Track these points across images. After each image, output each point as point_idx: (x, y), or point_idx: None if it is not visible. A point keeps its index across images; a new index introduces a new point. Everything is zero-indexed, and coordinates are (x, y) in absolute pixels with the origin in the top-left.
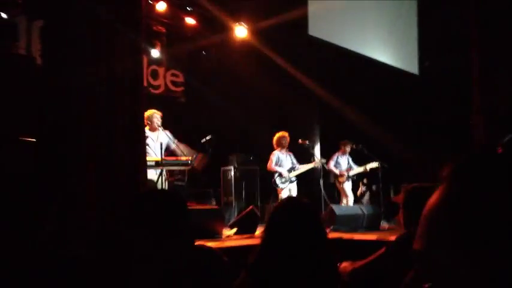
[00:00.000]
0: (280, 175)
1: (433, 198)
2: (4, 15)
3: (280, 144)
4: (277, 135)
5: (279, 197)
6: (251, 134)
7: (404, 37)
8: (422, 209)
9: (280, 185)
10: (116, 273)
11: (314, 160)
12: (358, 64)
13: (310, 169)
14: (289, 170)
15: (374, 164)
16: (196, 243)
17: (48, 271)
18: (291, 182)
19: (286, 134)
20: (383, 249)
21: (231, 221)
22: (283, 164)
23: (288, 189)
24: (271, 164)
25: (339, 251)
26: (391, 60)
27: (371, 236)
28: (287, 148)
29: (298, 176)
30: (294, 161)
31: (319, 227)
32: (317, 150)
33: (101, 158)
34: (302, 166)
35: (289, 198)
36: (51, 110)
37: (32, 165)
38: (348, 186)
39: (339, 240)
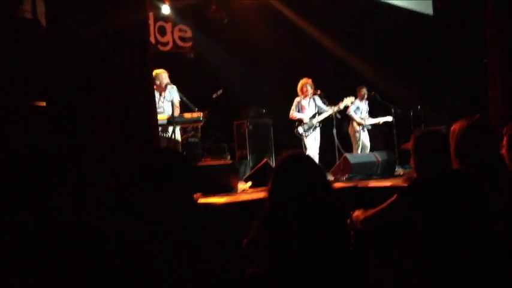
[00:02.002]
0: (301, 122)
1: None
2: None
3: (301, 91)
4: (301, 81)
5: (303, 145)
6: (262, 87)
7: None
8: (432, 154)
9: (304, 133)
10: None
11: (330, 107)
12: (370, 7)
13: (327, 117)
14: (312, 117)
15: (389, 118)
16: (212, 198)
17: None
18: (314, 129)
19: (308, 80)
20: (395, 196)
21: (246, 175)
22: (306, 110)
23: (312, 138)
24: (292, 112)
25: (353, 199)
26: (404, 3)
27: (385, 183)
28: (312, 93)
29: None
30: (321, 105)
31: (322, 178)
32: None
33: (113, 119)
34: (323, 113)
35: (291, 152)
36: (59, 72)
37: (44, 130)
38: (364, 135)
39: (354, 188)
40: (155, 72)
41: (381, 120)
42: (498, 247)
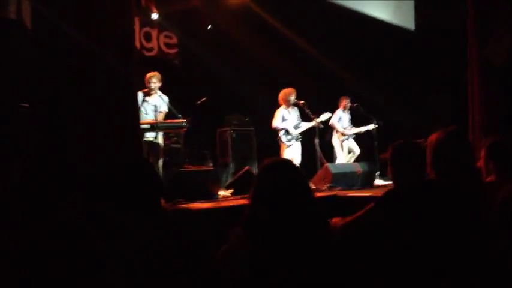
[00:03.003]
0: (287, 132)
1: None
2: None
3: (285, 101)
4: (283, 91)
5: (283, 156)
6: (246, 95)
7: None
8: (408, 164)
9: (287, 143)
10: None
11: (314, 118)
12: (353, 21)
13: (309, 128)
14: (295, 127)
15: (371, 126)
16: (193, 204)
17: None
18: (297, 139)
19: (292, 90)
20: (371, 205)
21: (228, 182)
22: (289, 121)
23: (295, 148)
24: (277, 121)
25: (333, 208)
26: (387, 17)
27: (365, 193)
28: (292, 105)
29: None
30: (299, 117)
31: (303, 184)
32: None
33: (96, 122)
34: (304, 124)
35: (275, 158)
36: (44, 73)
37: (28, 131)
38: (345, 144)
39: (334, 197)
40: (148, 75)
41: (362, 129)
42: (473, 257)
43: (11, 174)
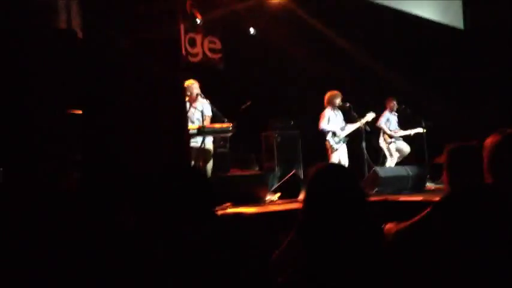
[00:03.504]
0: (334, 134)
1: None
2: None
3: (331, 103)
4: (329, 93)
5: (331, 159)
6: (291, 98)
7: None
8: (465, 168)
9: (335, 146)
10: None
11: (359, 119)
12: (401, 21)
13: (355, 130)
14: (342, 129)
15: (420, 129)
16: (241, 208)
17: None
18: (344, 142)
19: (337, 92)
20: (428, 209)
21: (274, 186)
22: (335, 123)
23: (341, 151)
24: (324, 123)
25: (383, 212)
26: (435, 16)
27: (416, 197)
28: (338, 107)
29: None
30: (343, 119)
31: (357, 189)
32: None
33: (145, 128)
34: (350, 126)
35: (325, 163)
36: (93, 81)
37: (80, 138)
38: (393, 146)
39: (384, 202)
40: (186, 83)
41: (411, 132)
42: None
43: (68, 179)
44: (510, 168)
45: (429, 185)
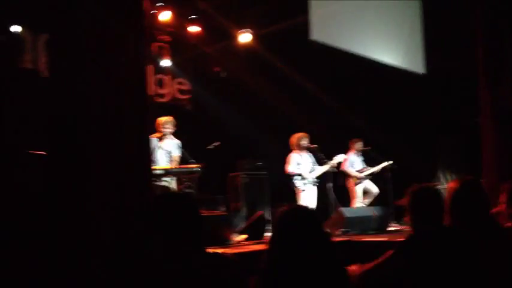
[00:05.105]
0: (302, 177)
1: None
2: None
3: (297, 145)
4: (295, 136)
5: (299, 199)
6: (258, 140)
7: (409, 38)
8: (426, 209)
9: (301, 187)
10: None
11: (327, 162)
12: (362, 67)
13: (324, 172)
14: (310, 172)
15: (386, 163)
16: (207, 250)
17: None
18: (314, 184)
19: (303, 134)
20: (391, 251)
21: (240, 227)
22: (303, 165)
23: (310, 192)
24: (291, 166)
25: (347, 254)
26: (396, 61)
27: (381, 238)
28: (305, 149)
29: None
30: (315, 161)
31: (322, 231)
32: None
33: (109, 167)
34: (319, 168)
35: (292, 205)
36: (59, 120)
37: (43, 176)
38: (360, 187)
39: (348, 242)
40: (163, 119)
41: (378, 168)
42: None
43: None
44: (467, 212)
45: (394, 225)
